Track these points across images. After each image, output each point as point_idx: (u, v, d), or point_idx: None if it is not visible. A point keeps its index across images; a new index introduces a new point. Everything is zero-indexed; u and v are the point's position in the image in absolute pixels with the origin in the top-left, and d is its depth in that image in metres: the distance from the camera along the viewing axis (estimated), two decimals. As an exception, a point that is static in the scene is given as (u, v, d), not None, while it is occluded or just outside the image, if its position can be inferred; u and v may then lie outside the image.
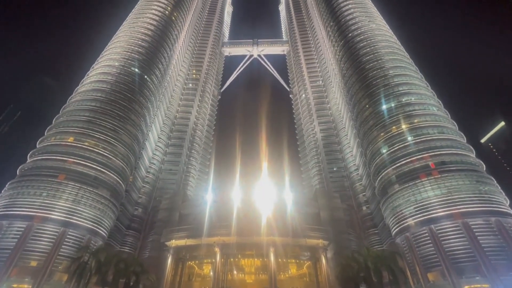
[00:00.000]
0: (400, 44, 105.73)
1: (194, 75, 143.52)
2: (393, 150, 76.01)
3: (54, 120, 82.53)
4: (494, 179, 68.58)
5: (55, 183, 66.80)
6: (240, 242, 66.57)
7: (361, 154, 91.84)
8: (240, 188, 76.54)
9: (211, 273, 68.94)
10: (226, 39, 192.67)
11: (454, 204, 63.33)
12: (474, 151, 74.76)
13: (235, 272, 71.79)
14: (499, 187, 67.82)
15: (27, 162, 73.58)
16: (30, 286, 56.32)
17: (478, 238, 59.02)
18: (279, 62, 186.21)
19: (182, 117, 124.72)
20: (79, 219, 66.03)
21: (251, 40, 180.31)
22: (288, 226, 68.55)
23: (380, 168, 77.80)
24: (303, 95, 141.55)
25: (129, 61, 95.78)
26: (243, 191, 76.48)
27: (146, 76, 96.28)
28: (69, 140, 74.97)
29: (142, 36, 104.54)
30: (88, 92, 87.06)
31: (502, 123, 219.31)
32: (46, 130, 79.94)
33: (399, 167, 73.39)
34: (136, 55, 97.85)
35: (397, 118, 79.75)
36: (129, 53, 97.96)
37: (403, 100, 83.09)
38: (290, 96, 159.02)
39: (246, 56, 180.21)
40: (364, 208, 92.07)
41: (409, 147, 74.04)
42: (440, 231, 62.28)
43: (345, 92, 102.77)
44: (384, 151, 77.70)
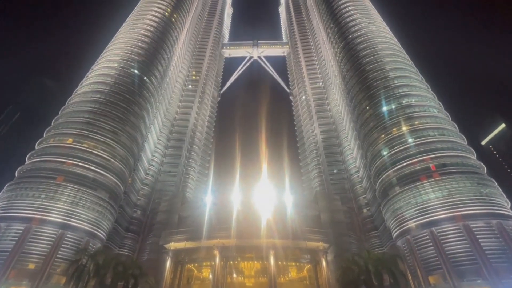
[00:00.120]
0: (400, 46, 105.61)
1: (194, 77, 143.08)
2: (393, 152, 75.67)
3: (53, 121, 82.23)
4: (495, 181, 68.38)
5: (54, 185, 66.43)
6: (239, 245, 65.99)
7: (361, 156, 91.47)
8: (239, 190, 75.96)
9: (210, 276, 68.39)
10: (226, 41, 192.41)
11: (455, 206, 63.02)
12: (475, 153, 74.54)
13: (235, 275, 71.17)
14: (500, 190, 67.63)
15: (26, 163, 73.21)
16: (28, 289, 55.65)
17: (479, 240, 58.71)
18: (279, 63, 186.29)
19: (182, 118, 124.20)
20: (78, 221, 65.59)
21: (251, 41, 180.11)
22: (288, 228, 68.04)
23: (380, 170, 77.46)
24: (303, 97, 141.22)
25: (128, 62, 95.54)
26: (243, 193, 75.89)
27: (145, 77, 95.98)
28: (68, 141, 74.60)
29: (142, 37, 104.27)
30: (87, 93, 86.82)
31: (503, 125, 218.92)
32: (45, 132, 79.61)
33: (400, 169, 73.07)
34: (135, 57, 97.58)
35: (397, 120, 79.52)
36: (128, 54, 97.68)
37: (404, 102, 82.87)
38: (290, 97, 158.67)
39: (246, 57, 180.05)
40: (364, 210, 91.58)
41: (409, 149, 73.75)
42: (441, 234, 61.94)
43: (345, 93, 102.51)
44: (384, 153, 77.38)
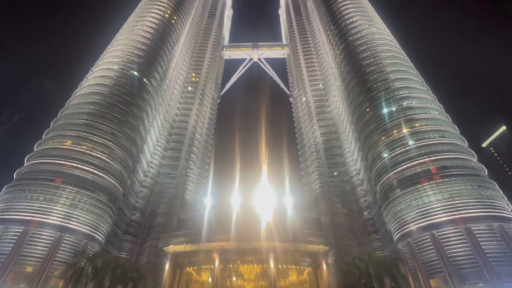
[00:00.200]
0: (400, 48, 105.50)
1: (194, 78, 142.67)
2: (394, 154, 75.31)
3: (52, 123, 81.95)
4: (496, 184, 68.03)
5: (52, 187, 66.03)
6: (239, 248, 65.42)
7: (362, 158, 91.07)
8: (239, 192, 75.44)
9: (210, 279, 68.00)
10: (226, 43, 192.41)
11: (456, 209, 62.59)
12: (476, 156, 74.20)
13: (234, 278, 70.74)
14: (501, 192, 67.27)
15: (24, 165, 72.80)
16: (26, 292, 55.22)
17: (480, 243, 58.30)
18: (279, 65, 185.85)
19: (181, 120, 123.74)
20: (76, 224, 65.10)
21: (251, 43, 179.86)
22: (288, 231, 67.58)
23: (381, 172, 77.07)
24: (303, 99, 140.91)
25: (128, 64, 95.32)
26: (243, 196, 75.37)
27: (145, 79, 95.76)
28: (66, 143, 74.23)
29: (142, 39, 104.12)
30: (86, 95, 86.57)
31: (504, 127, 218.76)
32: (44, 133, 79.31)
33: (401, 172, 72.68)
34: (135, 58, 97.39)
35: (398, 122, 79.22)
36: (128, 56, 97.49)
37: (404, 104, 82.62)
38: (290, 99, 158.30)
39: (246, 59, 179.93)
40: (365, 213, 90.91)
41: (410, 152, 73.38)
42: (442, 237, 61.51)
43: (345, 95, 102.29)
44: (385, 155, 77.02)
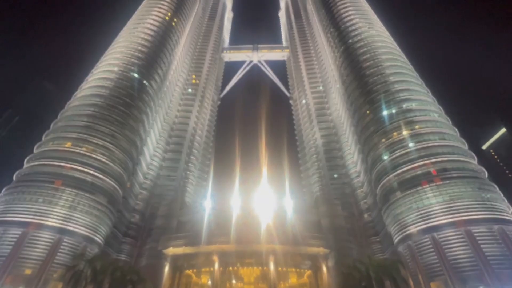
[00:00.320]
0: (400, 50, 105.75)
1: (194, 80, 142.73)
2: (394, 156, 75.21)
3: (52, 125, 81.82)
4: (496, 186, 67.93)
5: (52, 189, 65.80)
6: (239, 250, 65.31)
7: (362, 160, 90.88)
8: (239, 195, 75.43)
9: (209, 282, 67.51)
10: (226, 45, 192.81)
11: (456, 211, 62.40)
12: (476, 158, 74.11)
13: (234, 281, 70.39)
14: (501, 194, 67.12)
15: (24, 167, 72.61)
16: (24, 295, 54.93)
17: (481, 246, 58.08)
18: (279, 67, 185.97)
19: (181, 122, 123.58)
20: (75, 226, 64.79)
21: (251, 45, 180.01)
22: (288, 233, 67.49)
23: (381, 174, 76.88)
24: (303, 101, 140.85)
25: (128, 66, 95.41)
26: (243, 198, 75.33)
27: (145, 81, 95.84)
28: (66, 145, 74.14)
29: (142, 41, 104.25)
30: (86, 97, 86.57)
31: (503, 130, 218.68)
32: (44, 135, 79.17)
33: (401, 174, 72.52)
34: (135, 60, 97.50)
35: (398, 124, 79.19)
36: (128, 58, 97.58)
37: (404, 106, 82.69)
38: (290, 102, 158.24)
39: (246, 61, 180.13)
40: (365, 215, 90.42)
41: (410, 154, 73.31)
42: (442, 239, 61.28)
43: (345, 98, 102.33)
44: (385, 158, 76.91)
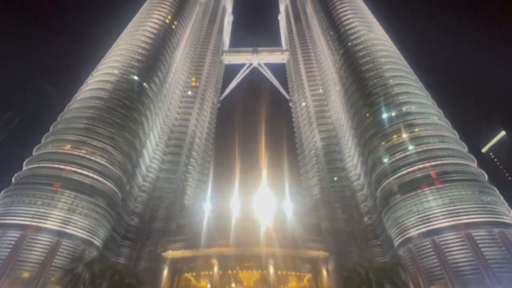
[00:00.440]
0: (399, 53, 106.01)
1: (194, 83, 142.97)
2: (394, 159, 75.15)
3: (51, 127, 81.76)
4: (496, 189, 67.80)
5: (50, 192, 65.52)
6: (238, 254, 64.83)
7: (362, 163, 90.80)
8: (239, 197, 75.07)
9: (209, 285, 67.19)
10: (226, 48, 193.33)
11: (457, 215, 62.27)
12: (476, 161, 74.07)
13: (233, 284, 69.77)
14: (501, 197, 67.05)
15: (23, 170, 72.45)
16: (22, 298, 54.59)
17: (481, 249, 57.93)
18: (279, 70, 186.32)
19: (181, 125, 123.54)
20: (74, 229, 64.47)
21: (251, 48, 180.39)
22: (288, 237, 67.07)
23: (381, 177, 76.75)
24: (303, 104, 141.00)
25: (128, 68, 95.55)
26: (242, 201, 74.94)
27: (145, 84, 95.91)
28: (66, 147, 73.96)
29: (142, 44, 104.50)
30: (86, 99, 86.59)
31: (503, 133, 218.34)
32: (43, 137, 79.00)
33: (401, 177, 72.44)
34: (135, 63, 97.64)
35: (397, 127, 79.21)
36: (128, 60, 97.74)
37: (404, 109, 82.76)
38: (290, 104, 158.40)
39: (245, 64, 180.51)
40: (365, 218, 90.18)
41: (410, 157, 73.29)
42: (443, 243, 61.07)
43: (345, 100, 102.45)
44: (385, 160, 76.84)
